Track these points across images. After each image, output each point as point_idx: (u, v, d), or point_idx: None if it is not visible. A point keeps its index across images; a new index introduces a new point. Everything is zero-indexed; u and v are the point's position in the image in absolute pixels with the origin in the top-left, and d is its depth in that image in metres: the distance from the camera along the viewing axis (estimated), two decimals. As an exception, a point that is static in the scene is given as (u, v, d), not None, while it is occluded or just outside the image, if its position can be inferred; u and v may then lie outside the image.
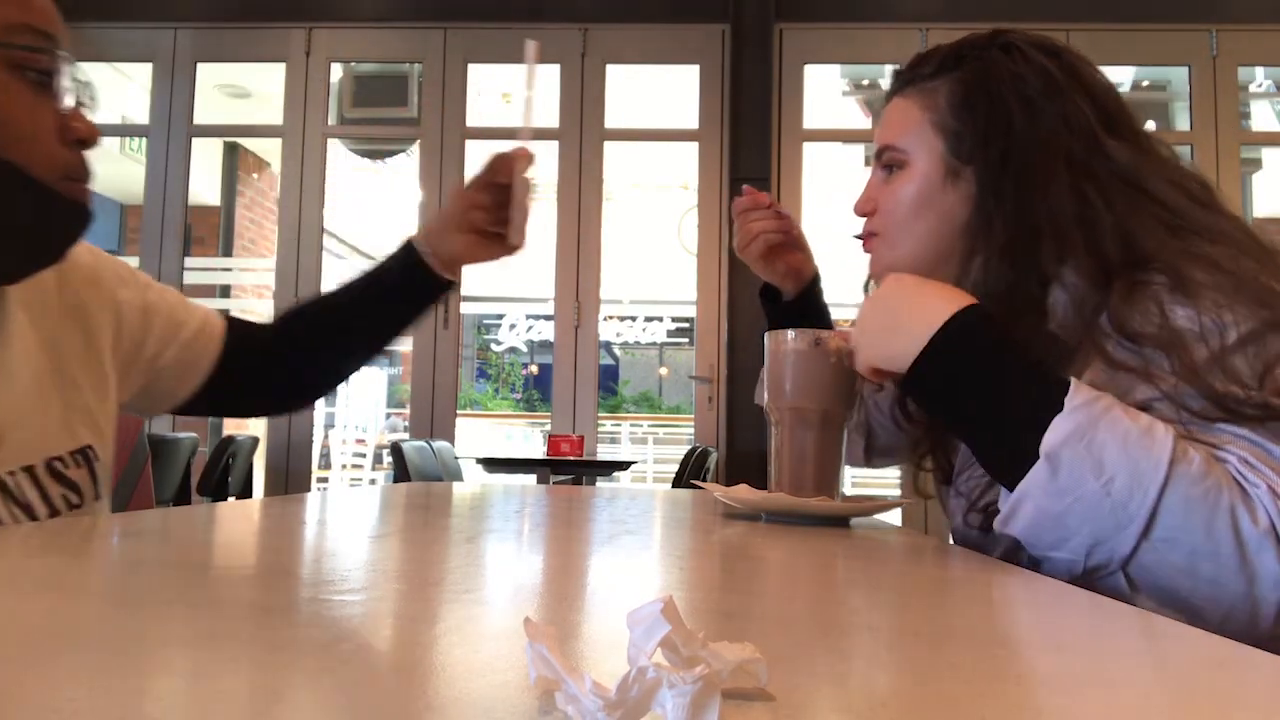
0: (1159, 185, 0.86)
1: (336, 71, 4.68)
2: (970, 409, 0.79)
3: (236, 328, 1.16)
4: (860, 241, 1.03)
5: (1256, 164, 5.09)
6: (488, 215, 1.15)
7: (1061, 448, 0.69)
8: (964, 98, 0.93)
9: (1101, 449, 0.68)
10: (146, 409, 1.14)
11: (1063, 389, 0.72)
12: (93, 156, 0.84)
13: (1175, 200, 0.85)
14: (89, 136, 0.82)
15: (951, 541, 1.01)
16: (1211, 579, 0.68)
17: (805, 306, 1.28)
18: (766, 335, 1.04)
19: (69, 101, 0.80)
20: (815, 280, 1.29)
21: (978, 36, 0.97)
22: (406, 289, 1.19)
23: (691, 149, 4.48)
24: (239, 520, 0.92)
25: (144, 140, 4.73)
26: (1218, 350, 0.74)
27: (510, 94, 5.57)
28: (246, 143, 6.54)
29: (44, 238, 0.84)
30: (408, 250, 1.17)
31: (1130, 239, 0.83)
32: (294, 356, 1.20)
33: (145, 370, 1.08)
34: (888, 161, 0.99)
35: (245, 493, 4.02)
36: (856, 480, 6.27)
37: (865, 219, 1.03)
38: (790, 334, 1.01)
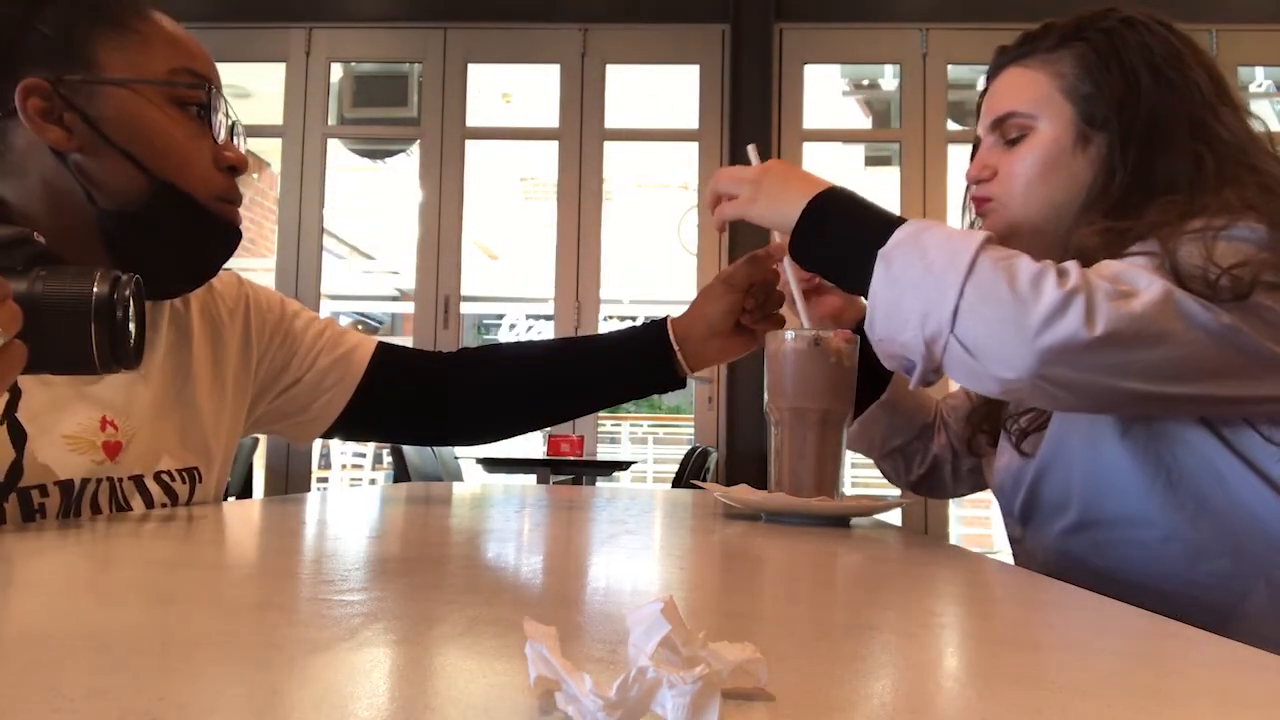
0: (1261, 157, 0.92)
1: (336, 71, 4.68)
2: (838, 248, 0.91)
3: (386, 351, 1.16)
4: (975, 203, 1.05)
5: (1256, 164, 5.08)
6: (751, 316, 1.14)
7: (894, 248, 0.83)
8: (1095, 64, 0.97)
9: (927, 243, 0.81)
10: (294, 436, 1.16)
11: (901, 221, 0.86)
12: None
13: (1275, 171, 0.91)
14: (239, 163, 0.94)
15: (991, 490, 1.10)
16: (1009, 320, 0.76)
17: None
18: (766, 335, 1.04)
19: (222, 134, 0.93)
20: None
21: (1094, 11, 1.01)
22: (645, 375, 1.15)
23: (691, 149, 4.48)
24: (239, 520, 0.92)
25: (144, 140, 4.72)
26: (1208, 229, 0.80)
27: (510, 94, 5.57)
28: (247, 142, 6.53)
29: (200, 254, 0.94)
30: (660, 336, 1.14)
31: (1229, 209, 0.87)
32: (458, 389, 1.17)
33: (284, 397, 1.12)
34: (1011, 128, 1.01)
35: (245, 493, 4.02)
36: (856, 480, 6.27)
37: (978, 185, 1.04)
38: (789, 334, 1.01)
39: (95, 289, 0.61)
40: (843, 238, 0.90)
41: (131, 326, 0.64)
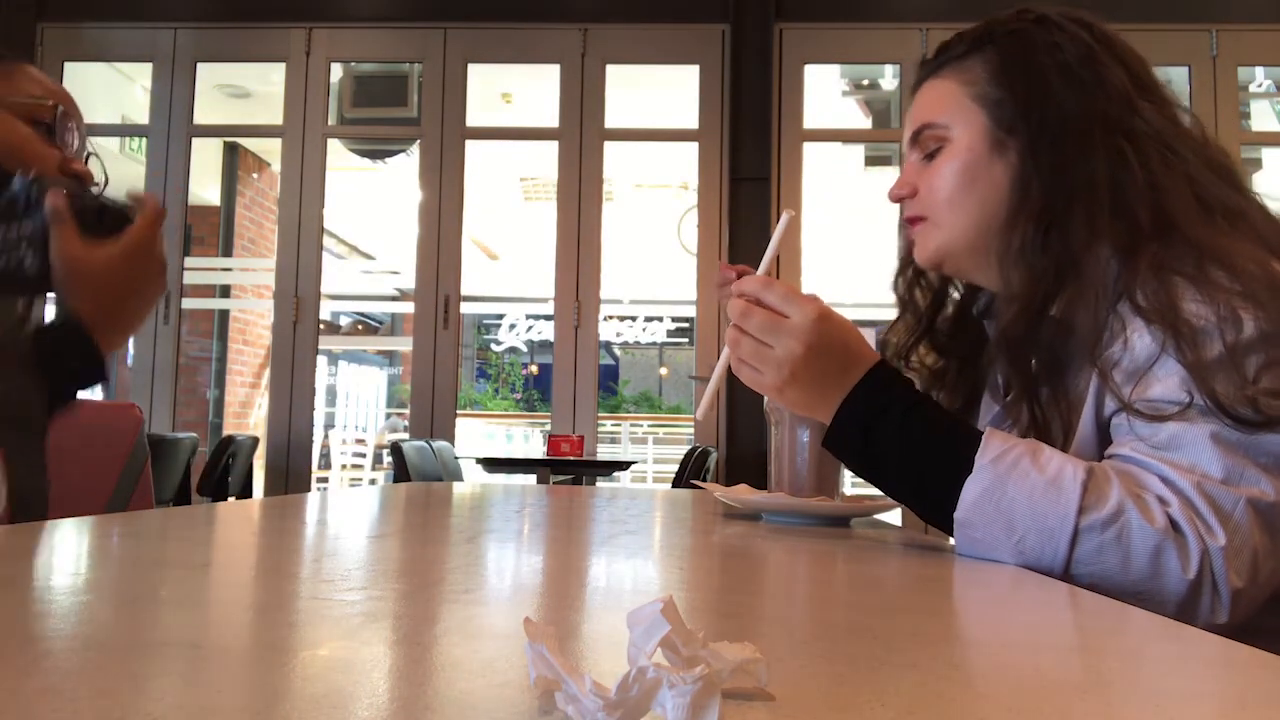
0: (1186, 151, 0.88)
1: (336, 71, 4.68)
2: (890, 470, 0.82)
3: None
4: (907, 227, 1.01)
5: (1256, 164, 5.09)
6: None
7: (972, 512, 0.75)
8: (1002, 67, 0.94)
9: (1011, 506, 0.73)
10: None
11: (972, 444, 0.76)
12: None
13: (1200, 170, 0.87)
14: (84, 175, 1.07)
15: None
16: (1135, 594, 0.71)
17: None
18: None
19: (71, 151, 1.06)
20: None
21: (1006, 14, 0.98)
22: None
23: (691, 149, 4.48)
24: (239, 520, 0.92)
25: (144, 140, 4.74)
26: (1232, 344, 0.75)
27: (510, 94, 5.57)
28: (246, 143, 6.53)
29: None
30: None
31: (1160, 202, 0.85)
32: None
33: None
34: (927, 141, 0.98)
35: (245, 493, 4.02)
36: (857, 480, 6.27)
37: (902, 204, 1.02)
38: None
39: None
40: (892, 461, 0.82)
41: None
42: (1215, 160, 0.90)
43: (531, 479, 3.91)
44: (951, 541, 0.79)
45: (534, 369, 14.23)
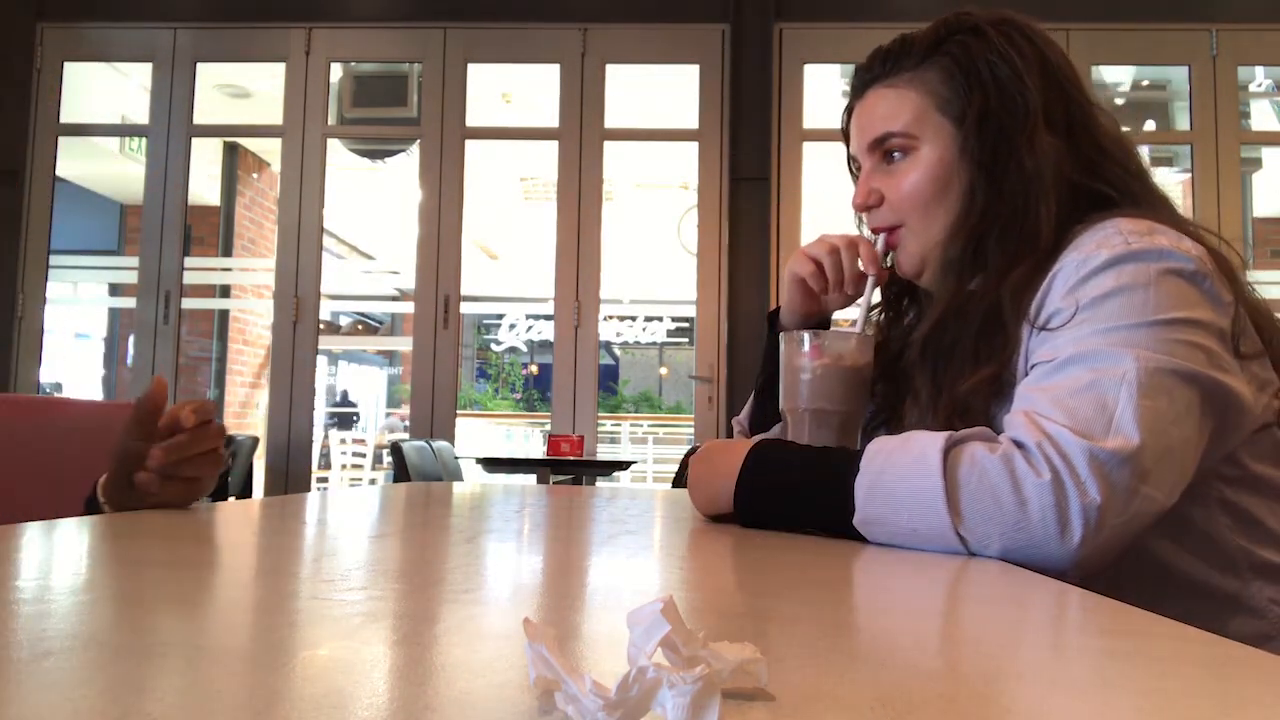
0: (1113, 148, 0.97)
1: (336, 71, 4.68)
2: (794, 508, 0.86)
3: None
4: (882, 236, 1.02)
5: (1256, 164, 5.09)
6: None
7: (865, 506, 0.78)
8: (959, 79, 0.97)
9: (890, 493, 0.77)
10: None
11: (847, 458, 0.82)
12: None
13: (1125, 161, 0.97)
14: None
15: None
16: (1022, 530, 0.74)
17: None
18: (783, 337, 1.03)
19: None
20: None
21: (947, 20, 1.00)
22: None
23: (691, 149, 4.48)
24: (239, 520, 0.92)
25: (144, 140, 4.73)
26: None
27: (510, 94, 5.57)
28: (246, 143, 6.53)
29: None
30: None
31: (1097, 195, 0.93)
32: None
33: None
34: (891, 148, 1.00)
35: (245, 493, 4.02)
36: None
37: (869, 213, 1.03)
38: (808, 335, 1.00)
39: None
40: (792, 499, 0.86)
41: None
42: (1131, 152, 0.99)
43: (531, 479, 3.91)
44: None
45: (534, 369, 14.24)
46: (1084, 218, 0.91)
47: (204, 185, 6.32)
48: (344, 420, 11.53)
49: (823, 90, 4.89)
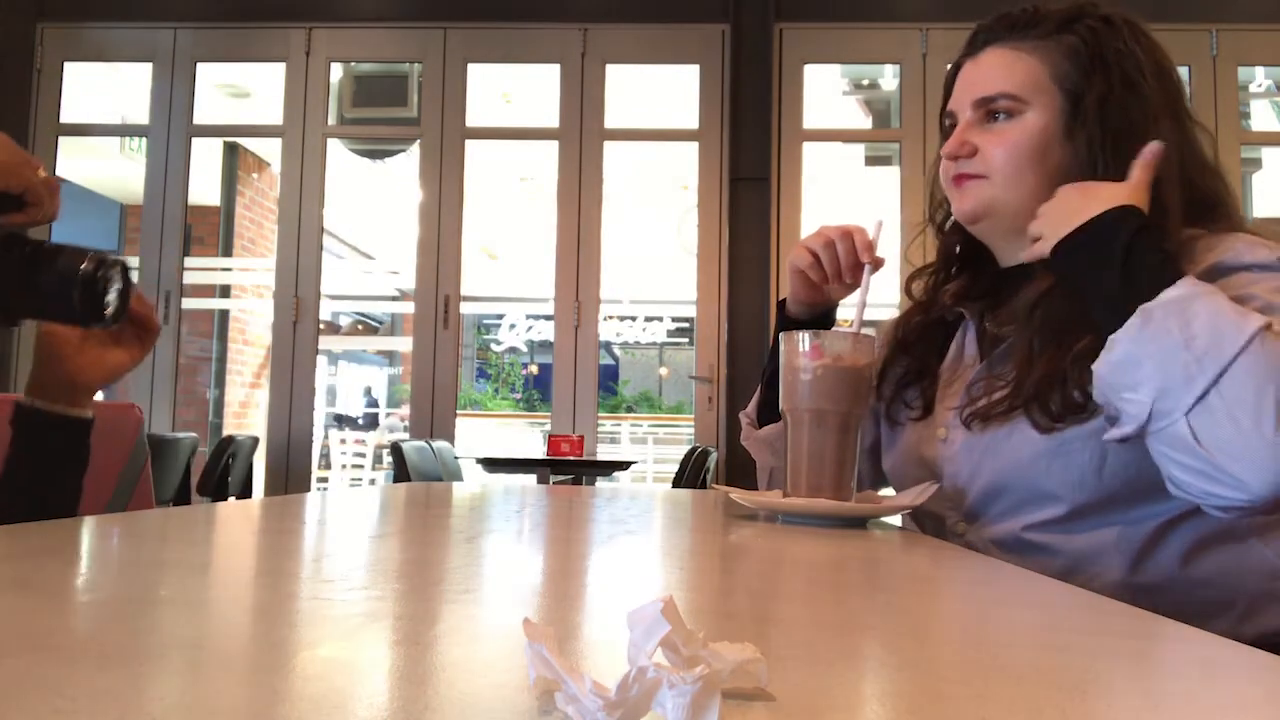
0: (1212, 162, 0.99)
1: (336, 71, 4.68)
2: (1104, 279, 0.85)
3: None
4: (956, 180, 1.04)
5: (1256, 164, 5.08)
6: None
7: (1156, 308, 0.78)
8: (1086, 60, 0.98)
9: (1194, 316, 0.77)
10: None
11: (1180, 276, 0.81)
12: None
13: (1222, 175, 0.99)
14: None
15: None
16: (1242, 432, 0.73)
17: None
18: (782, 337, 1.02)
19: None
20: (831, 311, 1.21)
21: (1080, 5, 1.02)
22: None
23: (691, 149, 4.48)
24: (239, 520, 0.92)
25: (144, 140, 4.74)
26: None
27: (510, 94, 5.57)
28: (246, 143, 6.53)
29: None
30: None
31: (1202, 201, 0.95)
32: None
33: None
34: (998, 109, 1.01)
35: (245, 493, 4.02)
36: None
37: (957, 162, 1.04)
38: (808, 335, 1.00)
39: (83, 266, 0.81)
40: (1113, 262, 0.85)
41: (111, 297, 0.83)
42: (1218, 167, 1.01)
43: (531, 479, 3.91)
44: (951, 540, 0.80)
45: (534, 369, 14.23)
46: (1193, 223, 0.93)
47: (204, 185, 6.31)
48: (369, 420, 11.55)
49: (823, 90, 4.89)
